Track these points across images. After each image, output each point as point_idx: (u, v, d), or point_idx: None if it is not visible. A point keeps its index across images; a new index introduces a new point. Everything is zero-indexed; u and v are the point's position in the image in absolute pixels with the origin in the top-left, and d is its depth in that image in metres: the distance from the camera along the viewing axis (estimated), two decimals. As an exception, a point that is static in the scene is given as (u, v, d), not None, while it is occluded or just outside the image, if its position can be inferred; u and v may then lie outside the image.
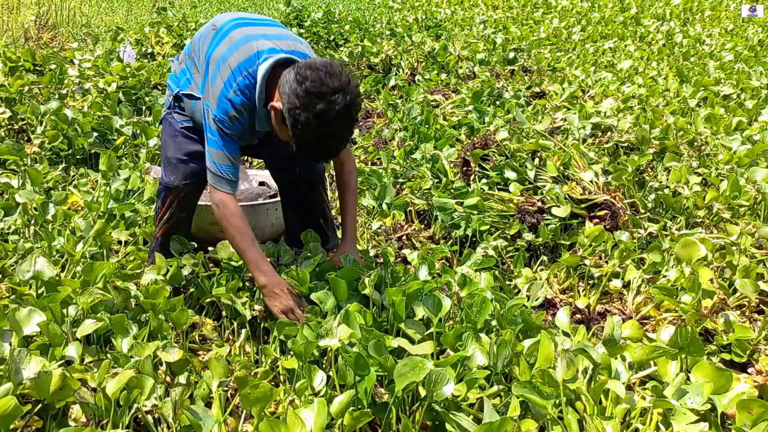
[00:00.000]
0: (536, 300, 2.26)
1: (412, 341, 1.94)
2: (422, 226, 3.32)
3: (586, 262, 2.71)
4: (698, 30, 9.53)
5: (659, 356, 1.81)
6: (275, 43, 2.12)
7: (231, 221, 2.16)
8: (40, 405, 1.67)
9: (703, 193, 3.27)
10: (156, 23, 7.50)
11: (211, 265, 2.67)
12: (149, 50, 6.61)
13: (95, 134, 3.86)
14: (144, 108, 4.64)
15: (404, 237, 3.23)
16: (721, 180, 3.38)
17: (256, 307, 2.18)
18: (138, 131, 4.01)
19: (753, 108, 5.09)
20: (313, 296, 2.06)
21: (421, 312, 2.02)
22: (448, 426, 1.61)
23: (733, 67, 6.82)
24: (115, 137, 3.98)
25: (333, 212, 2.91)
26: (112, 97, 4.50)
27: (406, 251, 2.93)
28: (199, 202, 2.94)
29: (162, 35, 7.03)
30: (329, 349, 1.88)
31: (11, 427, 1.58)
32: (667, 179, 3.43)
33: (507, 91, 4.78)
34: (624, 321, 2.32)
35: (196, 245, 2.52)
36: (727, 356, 2.19)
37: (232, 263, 2.41)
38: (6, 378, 1.60)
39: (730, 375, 1.83)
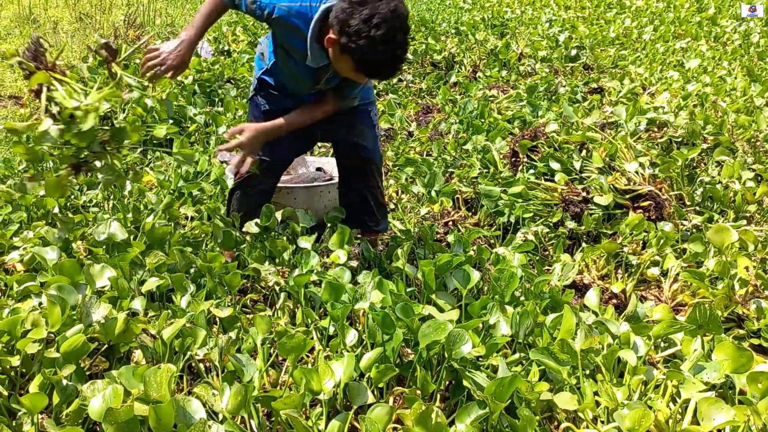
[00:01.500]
0: (566, 279, 2.35)
1: (441, 311, 2.08)
2: (469, 213, 3.44)
3: (625, 249, 2.77)
4: (780, 29, 9.17)
5: (676, 331, 1.88)
6: None
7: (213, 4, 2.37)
8: (106, 347, 1.90)
9: (754, 188, 3.25)
10: (233, 23, 7.88)
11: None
12: (226, 48, 6.97)
13: (171, 121, 4.17)
14: (216, 99, 4.94)
15: (450, 223, 3.36)
16: (779, 176, 3.35)
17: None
18: (209, 120, 4.30)
19: (825, 108, 4.93)
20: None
21: (452, 285, 2.15)
22: (465, 382, 1.74)
23: (811, 68, 6.58)
24: (189, 125, 4.28)
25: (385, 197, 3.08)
26: (188, 89, 4.83)
27: (450, 237, 3.06)
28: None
29: (238, 34, 7.39)
30: (363, 312, 2.04)
31: (81, 365, 1.82)
32: (719, 174, 3.41)
33: (563, 86, 4.82)
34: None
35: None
36: (756, 341, 2.22)
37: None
38: (78, 320, 1.84)
39: (751, 355, 1.88)
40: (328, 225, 2.75)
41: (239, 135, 2.44)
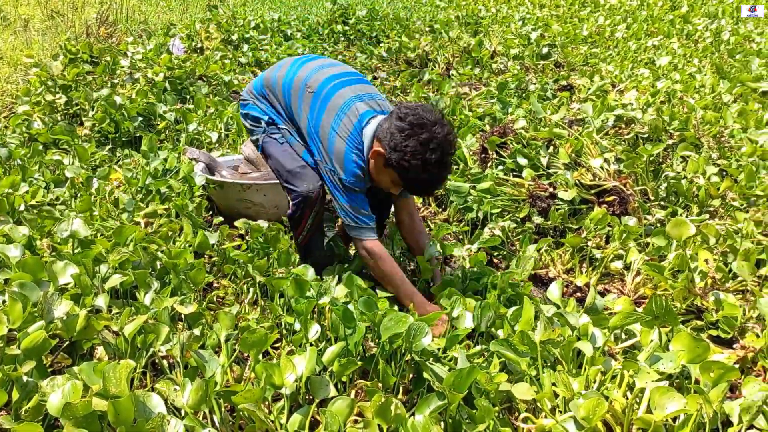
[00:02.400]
0: (524, 272, 2.38)
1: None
2: (439, 209, 3.46)
3: (589, 243, 2.81)
4: (749, 28, 9.33)
5: (633, 322, 1.91)
6: (368, 103, 2.33)
7: (383, 267, 2.28)
8: (68, 343, 1.89)
9: (718, 183, 3.32)
10: (207, 20, 7.84)
11: (235, 236, 2.87)
12: (199, 45, 6.93)
13: (140, 119, 4.15)
14: (188, 97, 4.91)
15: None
16: (741, 171, 3.41)
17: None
18: (180, 117, 4.28)
19: (790, 104, 5.03)
20: None
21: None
22: (425, 374, 1.76)
23: (779, 65, 6.70)
24: (159, 122, 4.26)
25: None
26: (158, 86, 4.80)
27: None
28: (225, 179, 3.17)
29: (211, 31, 7.35)
30: (326, 307, 2.05)
31: (44, 362, 1.81)
32: (684, 169, 3.47)
33: (533, 84, 4.86)
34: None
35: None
36: (714, 332, 2.27)
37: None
38: (40, 316, 1.83)
39: (707, 345, 1.92)
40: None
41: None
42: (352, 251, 2.76)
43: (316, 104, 2.33)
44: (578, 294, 2.67)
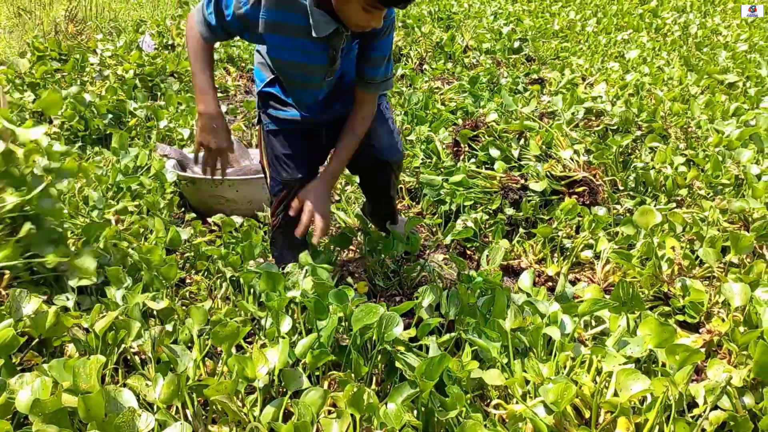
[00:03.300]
0: (494, 263, 2.41)
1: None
2: (413, 202, 3.48)
3: (560, 233, 2.85)
4: (716, 21, 9.50)
5: (600, 308, 1.95)
6: None
7: (191, 45, 2.13)
8: (37, 341, 1.87)
9: (686, 173, 3.38)
10: (178, 16, 7.77)
11: (207, 231, 2.86)
12: (170, 42, 6.87)
13: (110, 116, 4.10)
14: (159, 94, 4.87)
15: (394, 212, 3.39)
16: (707, 161, 3.48)
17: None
18: (150, 114, 4.24)
19: (755, 95, 5.14)
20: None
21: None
22: (397, 364, 1.77)
23: (745, 57, 6.84)
24: (129, 119, 4.22)
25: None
26: (128, 83, 4.75)
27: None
28: (196, 175, 3.16)
29: (182, 27, 7.28)
30: (297, 300, 2.05)
31: (13, 360, 1.79)
32: (653, 160, 3.53)
33: (504, 77, 4.91)
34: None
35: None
36: (681, 317, 2.32)
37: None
38: (8, 314, 1.81)
39: (673, 330, 1.96)
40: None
41: (307, 208, 2.15)
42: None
43: None
44: (549, 283, 2.70)
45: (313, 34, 1.94)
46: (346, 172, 2.68)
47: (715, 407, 1.77)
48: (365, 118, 2.24)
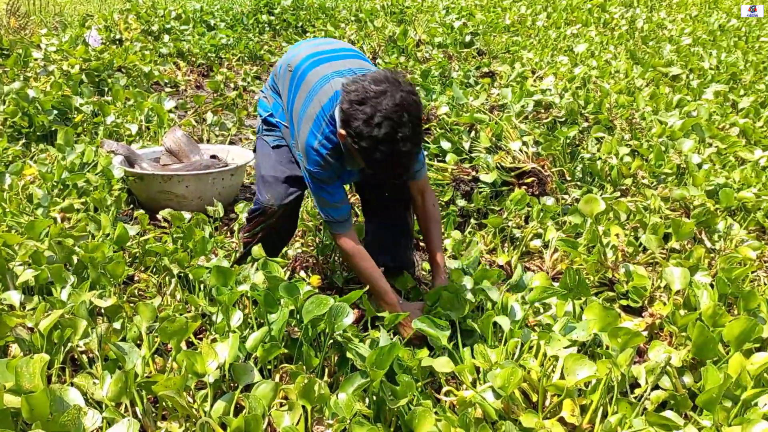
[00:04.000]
0: (470, 258, 2.45)
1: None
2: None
3: (510, 223, 2.90)
4: (662, 16, 9.76)
5: (549, 296, 2.00)
6: (350, 79, 2.00)
7: (354, 263, 2.15)
8: (-22, 342, 1.83)
9: (630, 163, 3.48)
10: (126, 11, 7.61)
11: (155, 228, 2.82)
12: (118, 36, 6.72)
13: (55, 112, 4.00)
14: (106, 89, 4.77)
15: (347, 206, 3.40)
16: (650, 151, 3.59)
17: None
18: (97, 109, 4.15)
19: (698, 87, 5.31)
20: None
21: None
22: (348, 354, 1.79)
23: (689, 50, 7.05)
24: (75, 115, 4.12)
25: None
26: (74, 78, 4.63)
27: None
28: (144, 171, 3.11)
29: (131, 22, 7.14)
30: (248, 294, 2.04)
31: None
32: (599, 150, 3.62)
33: (456, 71, 4.96)
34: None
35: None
36: (625, 302, 2.39)
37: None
38: (-54, 316, 1.76)
39: (616, 314, 2.03)
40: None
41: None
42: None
43: (293, 84, 2.11)
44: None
45: (347, 167, 2.10)
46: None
47: (656, 387, 1.83)
48: (435, 203, 2.34)
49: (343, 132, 1.91)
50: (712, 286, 2.23)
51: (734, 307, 2.26)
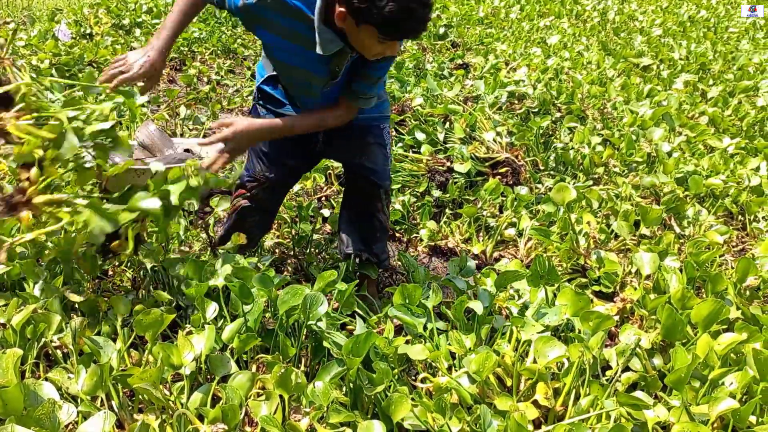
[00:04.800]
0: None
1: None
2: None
3: (485, 213, 2.93)
4: (633, 7, 9.88)
5: (517, 280, 2.03)
6: None
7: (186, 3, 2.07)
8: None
9: (602, 152, 3.53)
10: (96, 4, 7.49)
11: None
12: (88, 31, 6.62)
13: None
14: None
15: (324, 198, 3.40)
16: (622, 140, 3.64)
17: None
18: (68, 105, 4.09)
19: (668, 77, 5.40)
20: None
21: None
22: (325, 343, 1.80)
23: (660, 41, 7.15)
24: (45, 111, 4.05)
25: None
26: (44, 73, 4.56)
27: (324, 211, 3.11)
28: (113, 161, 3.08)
29: (101, 16, 7.03)
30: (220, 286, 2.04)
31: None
32: (571, 140, 3.67)
33: (430, 63, 4.98)
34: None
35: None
36: (597, 288, 2.43)
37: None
38: None
39: (588, 299, 2.06)
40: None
41: (226, 128, 2.07)
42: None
43: None
44: (476, 261, 2.78)
45: (318, 51, 1.89)
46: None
47: (627, 369, 1.88)
48: (338, 118, 2.15)
49: (343, 9, 1.75)
50: (681, 270, 2.28)
51: (703, 291, 2.31)
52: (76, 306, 2.05)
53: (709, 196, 3.24)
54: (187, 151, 3.50)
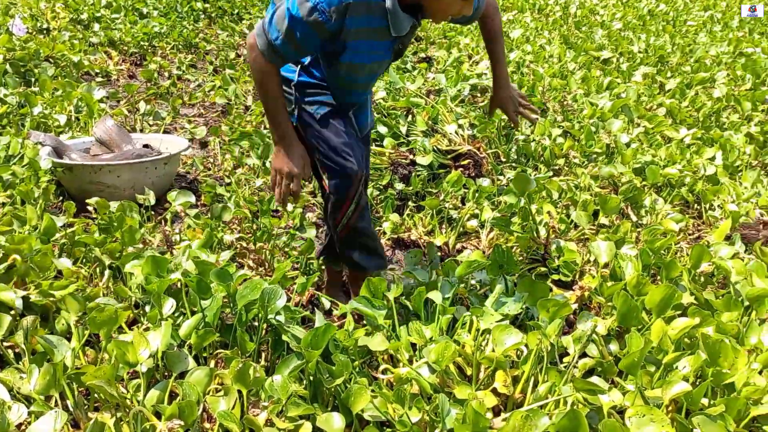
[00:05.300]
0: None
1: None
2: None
3: (447, 205, 2.94)
4: (594, 2, 10.01)
5: (476, 269, 2.05)
6: None
7: (270, 80, 1.90)
8: None
9: (563, 144, 3.57)
10: (52, -2, 7.31)
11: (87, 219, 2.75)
12: (44, 25, 6.46)
13: (-24, 104, 3.83)
14: (33, 79, 4.59)
15: (286, 192, 3.38)
16: (581, 132, 3.69)
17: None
18: (23, 101, 4.00)
19: (627, 70, 5.48)
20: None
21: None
22: (284, 337, 1.79)
23: (620, 35, 7.26)
24: (-1, 107, 3.95)
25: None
26: (-3, 69, 4.44)
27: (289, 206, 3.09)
28: (74, 162, 3.02)
29: (58, 10, 6.87)
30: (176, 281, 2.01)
31: None
32: (532, 132, 3.71)
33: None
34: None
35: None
36: (556, 276, 2.46)
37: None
38: None
39: (547, 287, 2.09)
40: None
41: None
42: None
43: None
44: (439, 253, 2.79)
45: (392, 34, 1.88)
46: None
47: (584, 355, 1.90)
48: (495, 17, 2.23)
49: None
50: (637, 258, 2.32)
51: (659, 277, 2.35)
52: (30, 305, 2.01)
53: (666, 186, 3.30)
54: (146, 146, 3.45)
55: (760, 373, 1.75)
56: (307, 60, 2.04)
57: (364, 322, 2.00)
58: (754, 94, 4.60)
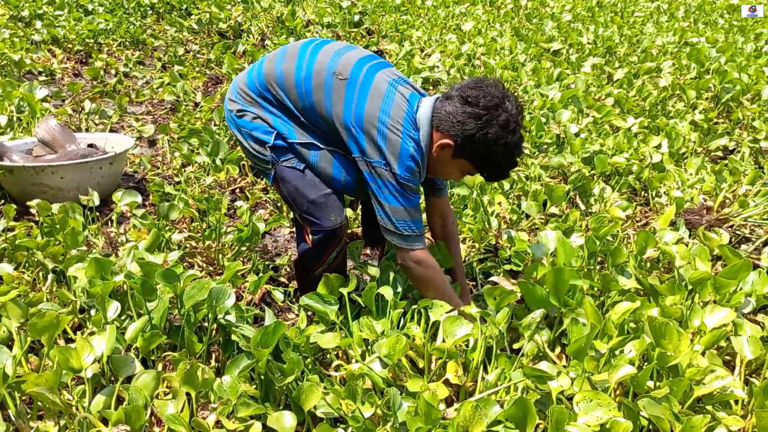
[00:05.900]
0: None
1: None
2: (256, 179, 3.44)
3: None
4: (545, -6, 10.13)
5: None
6: (405, 87, 2.01)
7: (432, 276, 2.02)
8: None
9: (513, 134, 3.60)
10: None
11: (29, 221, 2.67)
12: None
13: None
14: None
15: (237, 190, 3.34)
16: (532, 123, 3.73)
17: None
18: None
19: (576, 61, 5.57)
20: None
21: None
22: (233, 336, 1.76)
23: (569, 26, 7.37)
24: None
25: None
26: (-68, 69, 4.27)
27: (239, 203, 3.05)
28: (14, 163, 2.93)
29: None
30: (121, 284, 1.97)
31: None
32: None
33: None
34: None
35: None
36: (509, 266, 2.49)
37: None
38: None
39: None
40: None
41: None
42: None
43: (354, 92, 1.96)
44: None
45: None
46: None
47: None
48: (455, 221, 2.34)
49: (450, 141, 1.91)
50: (584, 246, 2.36)
51: (605, 264, 2.40)
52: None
53: (614, 174, 3.36)
54: (91, 146, 3.37)
55: (703, 354, 1.80)
56: (283, 129, 2.06)
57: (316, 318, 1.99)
58: (698, 83, 4.72)
